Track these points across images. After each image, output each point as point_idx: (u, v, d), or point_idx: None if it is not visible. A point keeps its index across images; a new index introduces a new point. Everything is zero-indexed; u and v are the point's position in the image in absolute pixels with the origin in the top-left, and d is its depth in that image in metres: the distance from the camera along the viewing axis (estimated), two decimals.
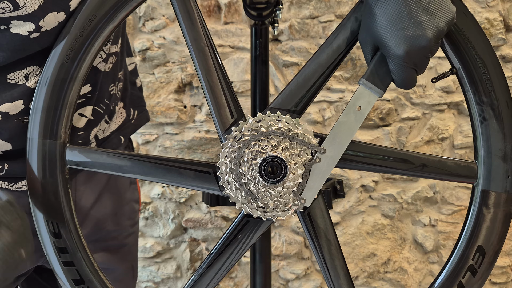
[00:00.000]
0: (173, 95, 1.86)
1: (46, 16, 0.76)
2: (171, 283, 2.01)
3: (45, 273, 1.04)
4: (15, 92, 0.79)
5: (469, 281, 0.80)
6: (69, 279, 0.79)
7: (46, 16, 0.76)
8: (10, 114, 0.80)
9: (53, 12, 0.76)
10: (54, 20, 0.77)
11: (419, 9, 0.71)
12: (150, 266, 1.99)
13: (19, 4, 0.72)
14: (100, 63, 0.90)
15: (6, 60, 0.77)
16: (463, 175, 0.81)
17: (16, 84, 0.80)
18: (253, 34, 1.04)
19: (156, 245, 1.97)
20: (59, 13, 0.77)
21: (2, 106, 0.79)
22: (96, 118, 0.94)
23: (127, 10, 0.80)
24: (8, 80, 0.79)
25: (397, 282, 2.01)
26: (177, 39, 1.82)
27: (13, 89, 0.79)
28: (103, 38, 0.80)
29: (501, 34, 1.82)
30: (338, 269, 0.82)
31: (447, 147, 1.91)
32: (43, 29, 0.76)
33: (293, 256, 1.98)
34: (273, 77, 1.85)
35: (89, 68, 0.80)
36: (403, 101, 1.88)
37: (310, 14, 1.81)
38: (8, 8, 0.71)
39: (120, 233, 1.07)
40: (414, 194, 1.94)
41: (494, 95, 0.79)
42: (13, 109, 0.80)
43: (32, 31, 0.75)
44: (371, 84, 0.77)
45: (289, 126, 0.77)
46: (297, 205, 0.78)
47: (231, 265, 0.82)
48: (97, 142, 0.96)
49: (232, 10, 1.82)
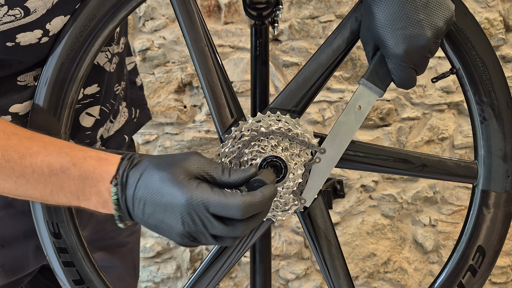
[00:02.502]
0: (173, 95, 1.86)
1: (53, 20, 0.76)
2: (171, 283, 2.01)
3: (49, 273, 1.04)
4: (25, 94, 0.81)
5: (469, 281, 0.80)
6: (69, 279, 0.79)
7: (53, 20, 0.76)
8: (20, 114, 0.81)
9: (60, 16, 0.77)
10: (61, 24, 0.78)
11: (418, 8, 0.70)
12: (150, 266, 1.99)
13: (30, 9, 0.72)
14: (106, 63, 0.90)
15: (21, 67, 0.79)
16: (463, 175, 0.81)
17: (26, 86, 0.81)
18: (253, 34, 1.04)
19: (156, 245, 1.97)
20: (66, 17, 0.78)
21: (12, 107, 0.80)
22: (102, 117, 0.94)
23: (127, 10, 0.80)
24: (18, 83, 0.80)
25: (397, 282, 2.01)
26: (177, 39, 1.82)
27: (23, 91, 0.80)
28: (103, 38, 0.80)
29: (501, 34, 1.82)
30: (338, 269, 0.82)
31: (447, 147, 1.91)
32: (51, 33, 0.77)
33: (293, 256, 1.98)
34: (273, 77, 1.85)
35: (89, 68, 0.80)
36: (403, 101, 1.88)
37: (310, 14, 1.81)
38: (19, 14, 0.71)
39: (122, 232, 1.07)
40: (414, 194, 1.94)
41: (494, 95, 0.79)
42: (23, 109, 0.81)
43: (41, 37, 0.76)
44: (371, 84, 0.77)
45: (289, 126, 0.77)
46: (297, 205, 0.78)
47: (231, 265, 0.82)
48: (102, 141, 0.96)
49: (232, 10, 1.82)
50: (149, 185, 0.66)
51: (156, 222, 0.66)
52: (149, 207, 0.66)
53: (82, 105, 0.89)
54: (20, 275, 0.95)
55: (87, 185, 0.69)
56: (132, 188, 0.67)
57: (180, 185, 0.65)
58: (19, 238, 0.92)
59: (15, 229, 0.91)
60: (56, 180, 0.69)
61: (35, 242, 0.93)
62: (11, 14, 0.71)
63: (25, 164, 0.69)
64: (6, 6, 0.70)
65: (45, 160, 0.69)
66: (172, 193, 0.65)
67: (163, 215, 0.66)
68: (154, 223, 0.67)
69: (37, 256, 0.95)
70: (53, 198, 0.71)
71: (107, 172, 0.69)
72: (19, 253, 0.93)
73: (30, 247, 0.93)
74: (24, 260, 0.94)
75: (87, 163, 0.69)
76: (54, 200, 0.71)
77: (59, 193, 0.70)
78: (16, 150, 0.69)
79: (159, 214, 0.66)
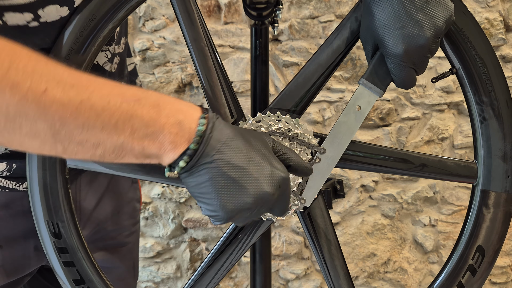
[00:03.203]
0: (173, 95, 1.86)
1: (46, 7, 0.74)
2: (171, 283, 2.01)
3: (48, 273, 1.05)
4: None
5: (468, 280, 0.80)
6: (69, 279, 0.80)
7: (47, 7, 0.74)
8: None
9: (55, 4, 0.75)
10: (56, 13, 0.76)
11: (417, 8, 0.70)
12: (150, 266, 1.99)
13: None
14: (106, 62, 0.90)
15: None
16: (463, 175, 0.81)
17: None
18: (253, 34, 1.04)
19: (156, 245, 1.97)
20: (62, 8, 0.76)
21: None
22: None
23: (127, 10, 0.80)
24: None
25: (397, 282, 2.01)
26: (177, 39, 1.82)
27: None
28: (103, 38, 0.80)
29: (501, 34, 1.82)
30: (338, 269, 0.82)
31: (447, 147, 1.91)
32: (43, 19, 0.75)
33: (293, 256, 1.98)
34: (273, 77, 1.85)
35: (89, 68, 0.80)
36: (403, 101, 1.88)
37: (310, 14, 1.81)
38: None
39: (122, 232, 1.07)
40: (414, 194, 1.94)
41: (494, 95, 0.79)
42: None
43: (30, 20, 0.74)
44: (371, 84, 0.77)
45: (289, 126, 0.77)
46: (297, 205, 0.78)
47: (231, 265, 0.82)
48: None
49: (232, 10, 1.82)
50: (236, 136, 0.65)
51: (233, 170, 0.64)
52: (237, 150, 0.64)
53: None
54: (20, 275, 0.95)
55: (162, 115, 0.62)
56: (221, 131, 0.64)
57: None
58: (19, 238, 0.92)
59: (15, 229, 0.91)
60: (127, 107, 0.60)
61: (35, 242, 0.93)
62: None
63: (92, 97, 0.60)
64: None
65: (115, 88, 0.62)
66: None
67: (247, 164, 0.64)
68: (229, 171, 0.64)
69: (37, 256, 0.95)
70: (111, 135, 0.61)
71: (192, 108, 0.64)
72: (19, 253, 0.93)
73: (30, 247, 0.94)
74: (24, 260, 0.94)
75: (164, 97, 0.64)
76: (111, 138, 0.61)
77: (125, 124, 0.60)
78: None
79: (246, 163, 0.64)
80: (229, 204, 0.64)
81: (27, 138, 0.59)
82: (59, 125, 0.59)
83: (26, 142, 0.60)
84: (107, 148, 0.61)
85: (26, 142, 0.60)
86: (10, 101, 0.56)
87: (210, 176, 0.64)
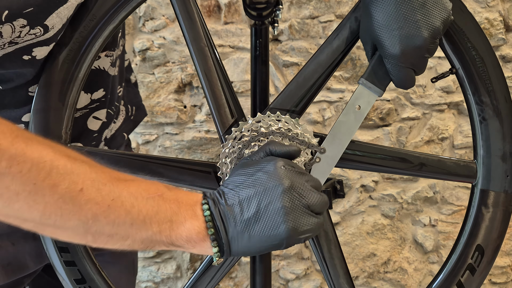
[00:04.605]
0: (173, 95, 1.86)
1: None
2: (171, 283, 2.01)
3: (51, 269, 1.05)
4: None
5: (468, 279, 0.81)
6: (71, 279, 0.80)
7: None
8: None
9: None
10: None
11: (414, 8, 0.71)
12: (150, 266, 1.99)
13: (49, 27, 0.73)
14: (109, 67, 0.92)
15: (33, 75, 0.80)
16: (462, 174, 0.82)
17: None
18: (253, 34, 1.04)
19: None
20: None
21: (25, 116, 0.83)
22: (108, 120, 0.96)
23: (127, 10, 0.80)
24: (29, 93, 0.82)
25: (397, 282, 2.01)
26: (177, 39, 1.82)
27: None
28: (103, 39, 0.80)
29: (501, 34, 1.82)
30: (338, 269, 0.82)
31: (447, 147, 1.92)
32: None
33: (293, 256, 1.98)
34: (273, 77, 1.85)
35: (89, 69, 0.80)
36: (403, 101, 1.88)
37: (310, 14, 1.81)
38: (39, 32, 0.72)
39: None
40: (414, 194, 1.94)
41: (494, 95, 0.79)
42: None
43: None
44: (371, 83, 0.77)
45: (289, 126, 0.78)
46: None
47: (231, 265, 0.82)
48: (105, 141, 0.98)
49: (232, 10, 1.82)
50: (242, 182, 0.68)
51: (261, 213, 0.65)
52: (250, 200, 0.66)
53: (89, 109, 0.91)
54: (20, 275, 0.95)
55: (182, 208, 0.66)
56: (223, 197, 0.67)
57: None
58: (19, 238, 0.92)
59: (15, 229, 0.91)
60: (152, 203, 0.64)
61: (36, 242, 0.93)
62: (32, 33, 0.72)
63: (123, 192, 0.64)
64: (28, 26, 0.71)
65: (141, 185, 0.66)
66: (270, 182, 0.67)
67: (267, 201, 0.65)
68: (257, 215, 0.65)
69: (38, 257, 0.95)
70: (140, 230, 0.64)
71: (198, 197, 0.68)
72: (19, 253, 0.93)
73: (30, 247, 0.94)
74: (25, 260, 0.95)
75: (178, 190, 0.68)
76: (140, 233, 0.64)
77: (153, 218, 0.64)
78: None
79: (262, 201, 0.65)
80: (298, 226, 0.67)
81: (59, 231, 0.63)
82: (92, 222, 0.62)
83: (58, 234, 0.64)
84: (136, 240, 0.65)
85: (58, 233, 0.64)
86: (49, 200, 0.59)
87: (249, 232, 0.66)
